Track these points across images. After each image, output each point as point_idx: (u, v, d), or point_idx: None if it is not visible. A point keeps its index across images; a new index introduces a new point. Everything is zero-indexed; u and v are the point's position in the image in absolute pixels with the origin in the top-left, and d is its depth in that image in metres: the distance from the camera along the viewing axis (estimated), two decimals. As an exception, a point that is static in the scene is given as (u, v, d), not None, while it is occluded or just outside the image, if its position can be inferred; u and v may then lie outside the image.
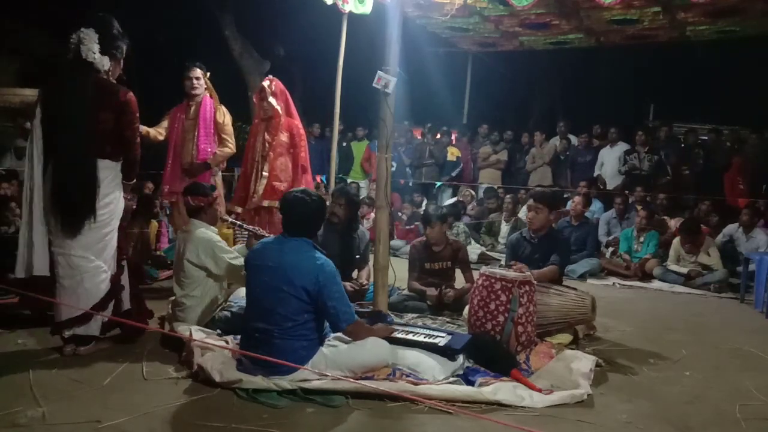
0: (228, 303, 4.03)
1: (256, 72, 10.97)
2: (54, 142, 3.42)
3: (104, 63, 3.47)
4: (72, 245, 3.41)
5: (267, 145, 5.02)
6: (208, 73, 5.19)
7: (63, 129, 3.41)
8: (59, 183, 3.39)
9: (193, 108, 5.13)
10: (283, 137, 5.06)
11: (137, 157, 3.65)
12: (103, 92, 3.45)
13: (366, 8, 5.75)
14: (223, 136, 5.16)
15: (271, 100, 4.99)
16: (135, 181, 3.80)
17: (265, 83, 5.05)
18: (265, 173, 5.00)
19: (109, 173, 3.50)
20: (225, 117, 5.18)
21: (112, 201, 3.52)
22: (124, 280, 3.67)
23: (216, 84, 5.29)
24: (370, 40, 5.94)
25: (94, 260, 3.45)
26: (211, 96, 5.18)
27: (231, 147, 5.19)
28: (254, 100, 5.17)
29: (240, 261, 3.93)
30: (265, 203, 4.98)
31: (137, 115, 3.58)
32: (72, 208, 3.38)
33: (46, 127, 3.43)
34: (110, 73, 3.54)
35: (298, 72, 14.20)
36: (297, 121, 5.18)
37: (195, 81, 5.08)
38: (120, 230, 3.63)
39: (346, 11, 6.12)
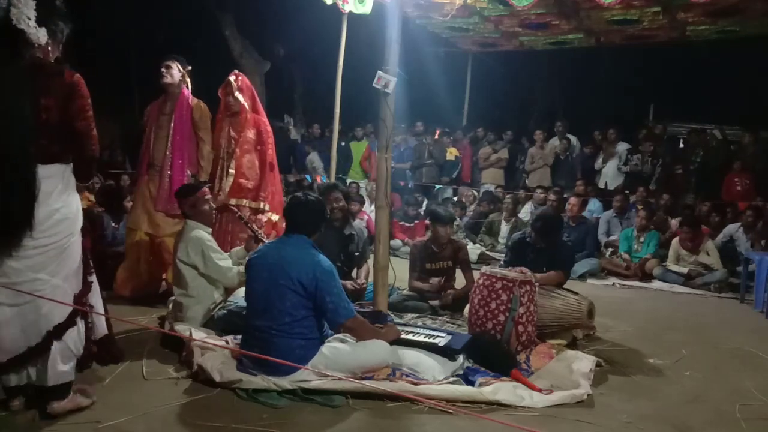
0: (227, 302, 4.03)
1: (256, 72, 10.98)
2: None
3: (40, 36, 2.64)
4: (19, 270, 2.60)
5: (233, 141, 4.89)
6: (189, 67, 4.94)
7: None
8: None
9: (169, 103, 4.88)
10: (250, 134, 4.93)
11: (95, 154, 2.86)
12: (42, 73, 2.67)
13: (366, 8, 5.75)
14: (201, 135, 4.91)
15: (238, 95, 4.87)
16: (90, 182, 3.12)
17: (231, 78, 4.92)
18: (231, 170, 4.87)
19: (58, 182, 2.69)
20: (202, 114, 4.93)
21: (68, 215, 2.72)
22: (95, 300, 2.88)
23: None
24: (370, 40, 5.95)
25: (49, 279, 2.66)
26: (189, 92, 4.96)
27: (209, 148, 4.95)
28: (219, 94, 4.98)
29: (227, 263, 3.93)
30: (232, 201, 4.85)
31: (89, 100, 2.78)
32: (2, 226, 2.55)
33: None
34: (47, 53, 2.74)
35: (298, 72, 14.22)
36: (264, 118, 5.06)
37: (164, 70, 4.83)
38: (84, 240, 2.85)
39: (346, 11, 6.12)
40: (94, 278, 2.87)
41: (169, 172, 4.83)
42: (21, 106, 2.56)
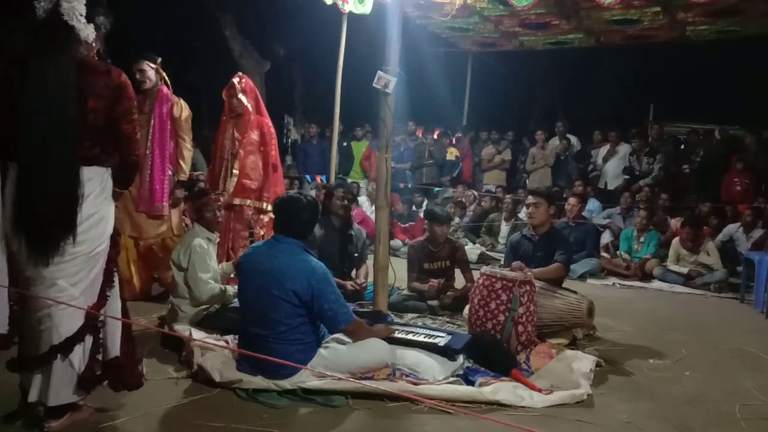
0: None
1: (256, 72, 10.96)
2: (16, 141, 2.45)
3: (89, 33, 2.56)
4: (44, 277, 2.50)
5: (237, 143, 4.91)
6: (159, 59, 4.82)
7: (33, 122, 2.44)
8: (24, 196, 2.46)
9: (147, 102, 4.73)
10: (254, 135, 4.95)
11: (137, 160, 2.79)
12: (91, 71, 2.55)
13: (366, 8, 5.75)
14: (180, 133, 4.84)
15: (241, 97, 4.87)
16: (128, 189, 2.96)
17: (235, 80, 4.93)
18: (235, 171, 4.87)
19: (96, 185, 2.60)
20: (183, 112, 4.84)
21: (101, 221, 2.61)
22: (112, 313, 2.70)
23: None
24: (370, 40, 5.95)
25: (67, 288, 2.53)
26: (168, 88, 4.85)
27: (189, 147, 4.94)
28: (223, 96, 4.99)
29: (206, 276, 3.90)
30: (236, 201, 4.87)
31: (135, 102, 2.72)
32: (40, 231, 2.46)
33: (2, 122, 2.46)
34: (91, 48, 2.65)
35: (298, 72, 14.22)
36: (267, 120, 5.08)
37: (139, 74, 4.68)
38: (112, 251, 2.71)
39: (346, 11, 6.12)
40: (113, 293, 2.69)
41: (149, 172, 4.73)
42: (64, 105, 2.47)
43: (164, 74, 4.85)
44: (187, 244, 3.96)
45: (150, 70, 4.75)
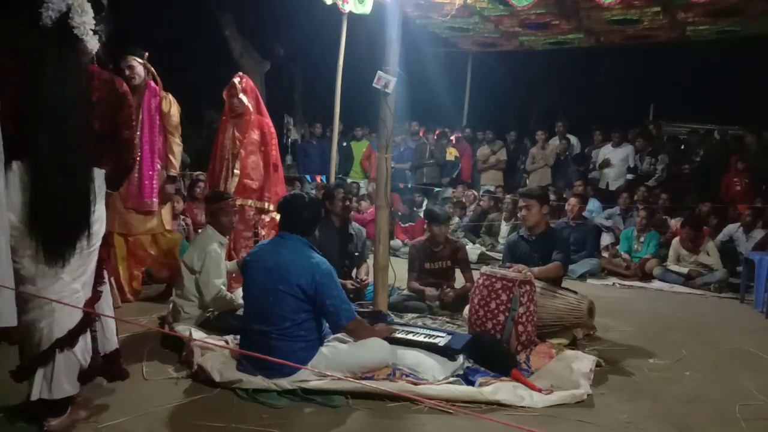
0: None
1: (256, 72, 10.97)
2: (19, 140, 2.49)
3: (94, 45, 2.67)
4: (45, 273, 2.55)
5: (238, 142, 4.92)
6: (146, 53, 4.72)
7: (51, 125, 2.53)
8: (42, 197, 2.51)
9: (135, 97, 4.51)
10: (254, 135, 4.96)
11: (134, 163, 2.99)
12: (97, 79, 2.68)
13: (366, 8, 5.75)
14: (169, 128, 4.80)
15: (242, 96, 4.88)
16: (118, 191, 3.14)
17: (236, 80, 4.93)
18: (236, 171, 4.89)
19: (97, 185, 2.74)
20: (171, 107, 4.80)
21: (98, 219, 2.72)
22: (104, 309, 2.80)
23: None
24: (370, 40, 5.95)
25: (70, 282, 2.61)
26: (155, 83, 4.77)
27: (178, 142, 4.92)
28: (224, 96, 4.99)
29: (219, 281, 3.93)
30: (238, 201, 4.86)
31: (133, 109, 2.90)
32: (59, 231, 2.54)
33: (9, 122, 2.48)
34: (92, 56, 2.75)
35: (298, 72, 14.22)
36: (267, 120, 5.09)
37: (128, 71, 4.59)
38: (103, 250, 2.82)
39: (346, 11, 6.12)
40: (104, 288, 2.81)
41: (137, 167, 4.62)
42: (82, 112, 2.60)
43: (152, 69, 4.79)
44: (202, 248, 3.97)
45: (138, 65, 4.68)
